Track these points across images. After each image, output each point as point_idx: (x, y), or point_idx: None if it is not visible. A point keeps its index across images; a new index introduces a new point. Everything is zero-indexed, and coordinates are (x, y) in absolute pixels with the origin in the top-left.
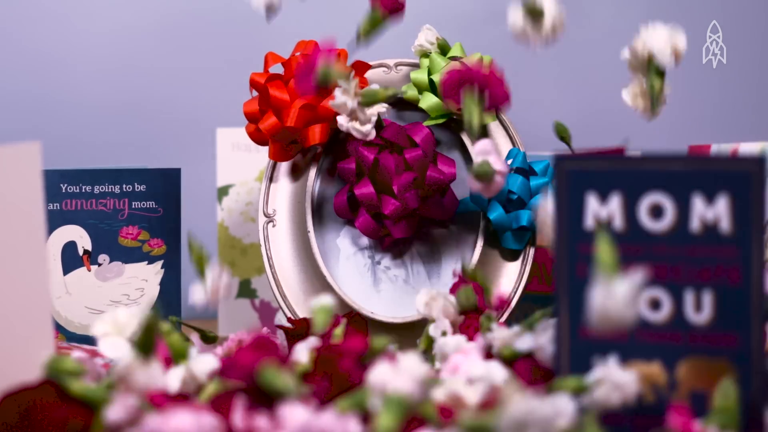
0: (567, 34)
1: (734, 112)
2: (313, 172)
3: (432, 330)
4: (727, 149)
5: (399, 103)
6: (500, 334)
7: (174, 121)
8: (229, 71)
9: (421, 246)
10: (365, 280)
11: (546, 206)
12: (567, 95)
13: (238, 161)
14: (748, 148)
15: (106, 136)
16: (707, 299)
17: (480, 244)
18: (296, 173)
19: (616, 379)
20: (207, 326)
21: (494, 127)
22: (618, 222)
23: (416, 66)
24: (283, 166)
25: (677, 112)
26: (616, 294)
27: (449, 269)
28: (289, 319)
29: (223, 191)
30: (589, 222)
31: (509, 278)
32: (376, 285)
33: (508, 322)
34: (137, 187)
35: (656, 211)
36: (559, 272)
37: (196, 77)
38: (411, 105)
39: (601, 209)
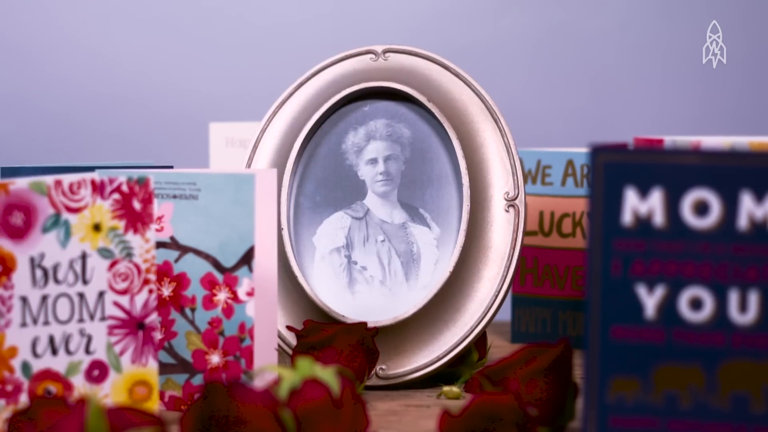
0: (572, 32)
1: (734, 111)
2: (290, 164)
3: None
4: (686, 142)
5: (383, 94)
6: None
7: (165, 115)
8: (223, 64)
9: (399, 244)
10: (340, 280)
11: None
12: (572, 92)
13: (232, 157)
14: (712, 141)
15: (92, 131)
16: (753, 299)
17: (461, 242)
18: (275, 165)
19: None
20: None
21: (478, 110)
22: (658, 218)
23: (408, 53)
24: (263, 159)
25: (678, 111)
26: None
27: (428, 269)
28: (288, 327)
29: None
30: (627, 217)
31: (491, 277)
32: (351, 286)
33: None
34: None
35: (701, 208)
36: (591, 269)
37: (188, 70)
38: (399, 96)
39: (641, 204)
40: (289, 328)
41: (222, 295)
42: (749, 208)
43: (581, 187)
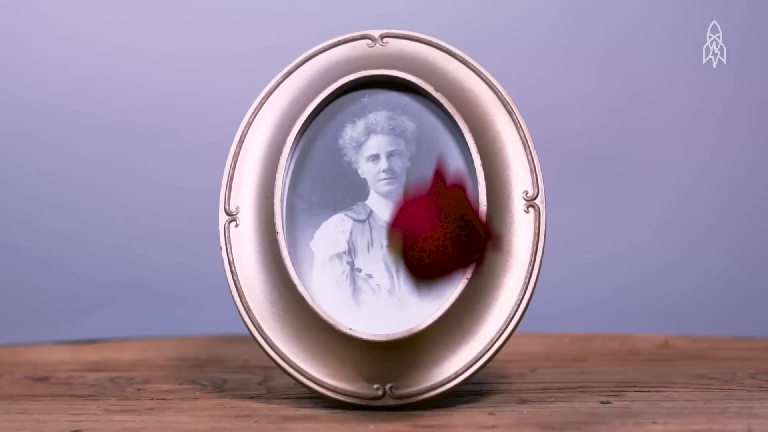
0: (591, 14)
1: (734, 112)
2: (284, 162)
3: None
4: None
5: (381, 83)
6: None
7: (142, 104)
8: (204, 48)
9: None
10: (343, 290)
11: None
12: (590, 80)
13: None
14: None
15: (69, 120)
16: None
17: None
18: (265, 162)
19: None
20: None
21: (490, 101)
22: None
23: (408, 38)
24: (250, 154)
25: (677, 111)
26: None
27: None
28: None
29: None
30: None
31: (512, 284)
32: (356, 296)
33: None
34: None
35: None
36: None
37: (167, 55)
38: (399, 86)
39: None
40: None
41: None
42: None
43: None
